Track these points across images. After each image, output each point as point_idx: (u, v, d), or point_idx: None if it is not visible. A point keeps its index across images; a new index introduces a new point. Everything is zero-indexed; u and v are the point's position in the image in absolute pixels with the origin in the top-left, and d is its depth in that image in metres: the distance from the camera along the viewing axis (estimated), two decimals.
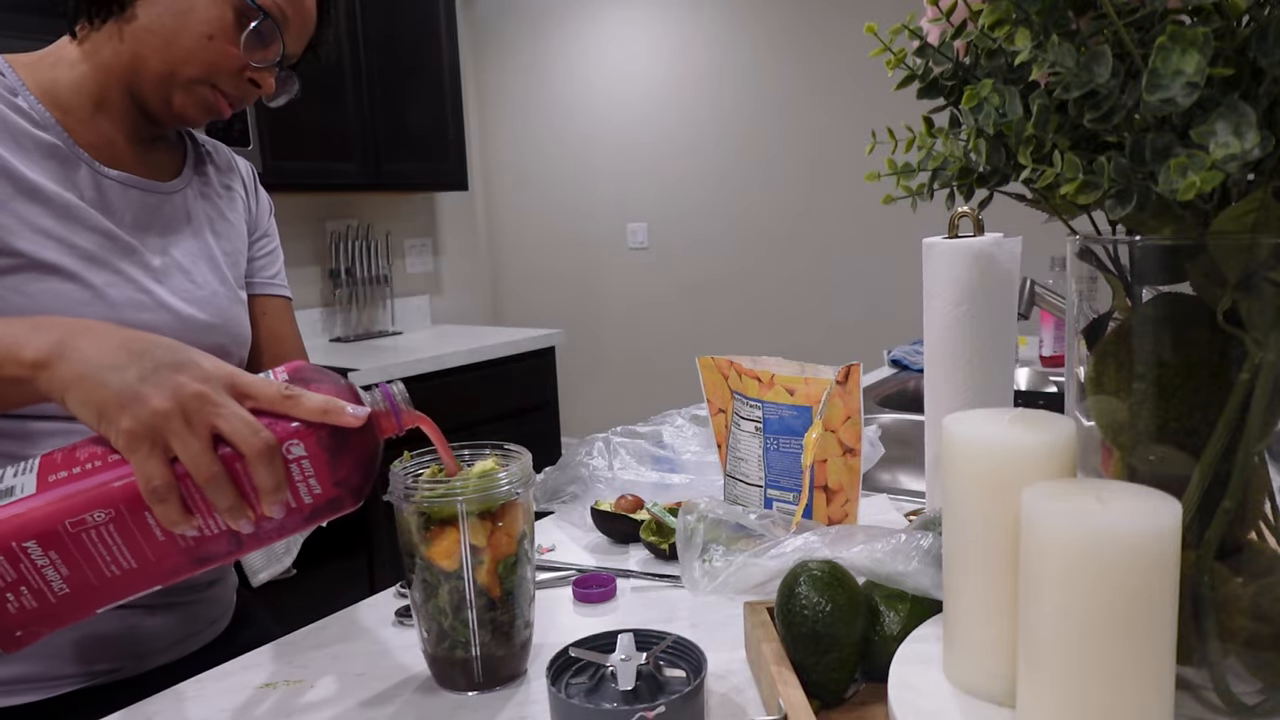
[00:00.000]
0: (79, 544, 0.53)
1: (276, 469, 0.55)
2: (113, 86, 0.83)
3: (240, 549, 0.59)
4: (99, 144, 0.84)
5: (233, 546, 0.59)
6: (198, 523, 0.56)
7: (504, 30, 4.25)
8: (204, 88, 0.82)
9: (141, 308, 0.82)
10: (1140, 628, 0.42)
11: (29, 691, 0.81)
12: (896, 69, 0.54)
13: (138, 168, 0.87)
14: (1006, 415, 0.53)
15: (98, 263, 0.80)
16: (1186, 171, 0.38)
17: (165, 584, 0.58)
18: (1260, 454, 0.47)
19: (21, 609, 0.54)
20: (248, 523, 0.56)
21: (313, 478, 0.57)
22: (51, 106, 0.81)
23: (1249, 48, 0.39)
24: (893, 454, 1.29)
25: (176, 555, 0.57)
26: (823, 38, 3.44)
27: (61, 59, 0.83)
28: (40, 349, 0.57)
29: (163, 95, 0.82)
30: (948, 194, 0.54)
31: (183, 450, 0.54)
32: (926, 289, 0.86)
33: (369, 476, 0.60)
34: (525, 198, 4.37)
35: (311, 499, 0.58)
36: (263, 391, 0.56)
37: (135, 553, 0.55)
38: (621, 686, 0.59)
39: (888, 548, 0.67)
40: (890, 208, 3.21)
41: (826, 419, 0.87)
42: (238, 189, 1.02)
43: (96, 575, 0.55)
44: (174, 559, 0.57)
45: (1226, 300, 0.45)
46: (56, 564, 0.53)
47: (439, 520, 0.66)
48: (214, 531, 0.57)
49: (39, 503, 0.52)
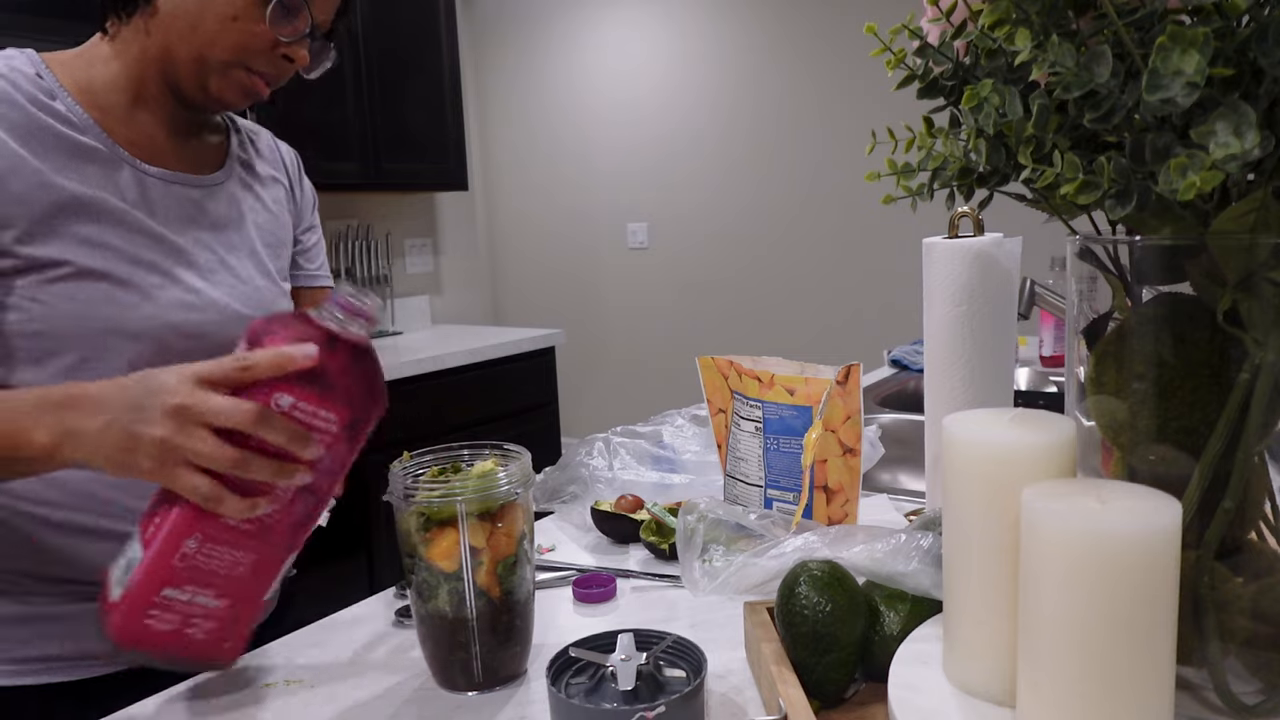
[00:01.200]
0: (199, 569, 0.61)
1: (279, 425, 0.59)
2: (148, 79, 0.83)
3: (323, 490, 0.64)
4: (139, 140, 0.84)
5: (315, 494, 0.64)
6: (264, 500, 0.61)
7: (504, 30, 4.25)
8: (238, 70, 0.81)
9: (189, 308, 0.83)
10: (1140, 628, 0.42)
11: (60, 671, 0.82)
12: (896, 69, 0.54)
13: (179, 161, 0.88)
14: (1006, 415, 0.53)
15: (144, 265, 0.81)
16: (1186, 171, 0.38)
17: (296, 547, 0.65)
18: (1260, 454, 0.47)
19: (207, 633, 0.62)
20: (303, 474, 0.61)
21: (320, 410, 0.61)
22: (90, 106, 0.81)
23: (1249, 48, 0.39)
24: (893, 454, 1.29)
25: (278, 529, 0.63)
26: (823, 38, 3.44)
27: (96, 57, 0.83)
28: (45, 441, 0.64)
29: (198, 82, 0.82)
30: (948, 194, 0.54)
31: (199, 456, 0.59)
32: (926, 289, 0.86)
33: (371, 376, 0.63)
34: (525, 198, 4.37)
35: (336, 425, 0.61)
36: (223, 373, 0.60)
37: (243, 548, 0.62)
38: (621, 686, 0.59)
39: (888, 548, 0.67)
40: (890, 208, 3.21)
41: (826, 419, 0.87)
42: (281, 179, 1.02)
43: (234, 579, 0.62)
44: (278, 533, 0.63)
45: (1226, 300, 0.45)
46: (197, 591, 0.61)
47: (439, 521, 0.66)
48: (286, 495, 0.62)
49: (150, 559, 0.60)
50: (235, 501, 0.59)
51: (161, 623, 0.61)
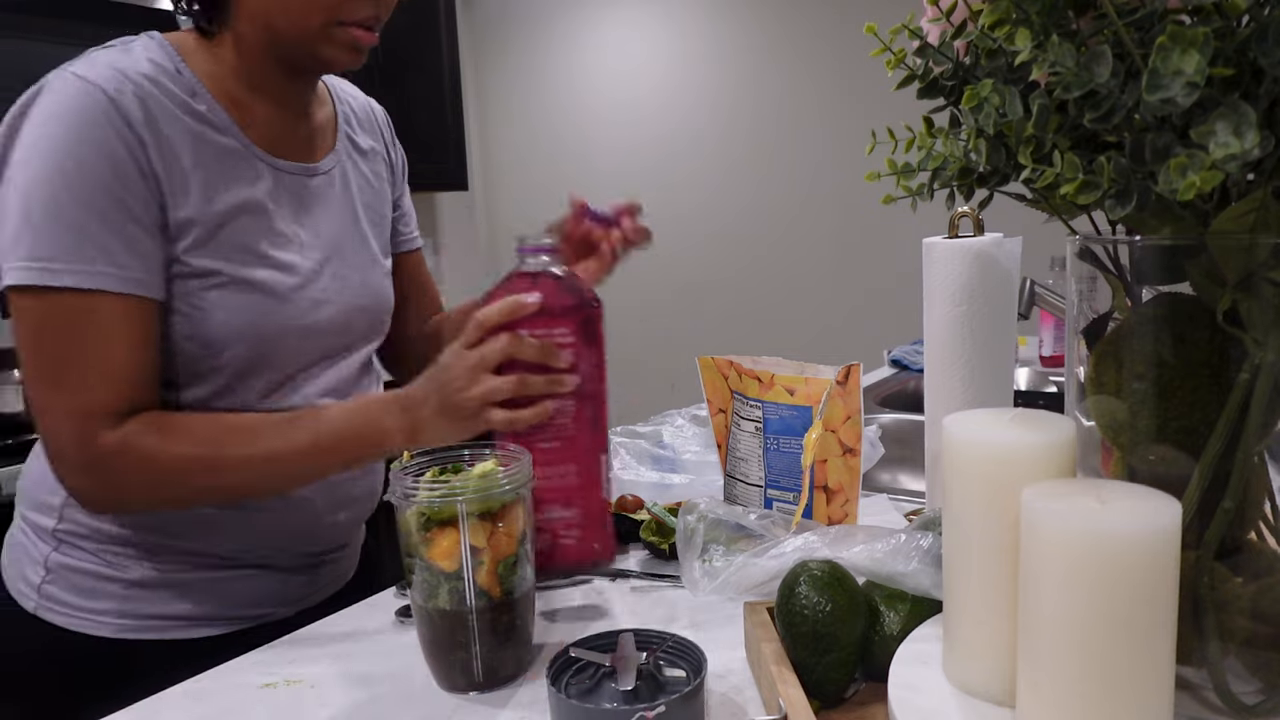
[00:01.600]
0: (542, 489, 0.75)
1: (530, 347, 0.73)
2: (260, 63, 0.83)
3: (594, 391, 0.77)
4: (264, 130, 0.85)
5: (591, 397, 0.77)
6: (550, 405, 0.74)
7: (504, 30, 4.25)
8: (339, 29, 0.80)
9: (316, 306, 0.88)
10: (1140, 628, 0.42)
11: (180, 629, 0.87)
12: (896, 69, 0.54)
13: (299, 147, 0.89)
14: (1006, 415, 0.53)
15: (283, 268, 0.85)
16: (1186, 171, 0.38)
17: (603, 447, 0.79)
18: (1260, 454, 0.47)
19: (577, 539, 0.77)
20: (569, 380, 0.75)
21: (552, 330, 0.75)
22: (221, 97, 0.82)
23: (1249, 48, 0.39)
24: (893, 454, 1.29)
25: (580, 436, 0.76)
26: (823, 38, 3.44)
27: (214, 44, 0.83)
28: (400, 436, 0.77)
29: (308, 52, 0.82)
30: (948, 194, 0.54)
31: (495, 392, 0.73)
32: (926, 289, 0.86)
33: (576, 288, 0.76)
34: (525, 198, 4.37)
35: (570, 334, 0.75)
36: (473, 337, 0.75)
37: (563, 461, 0.76)
38: (621, 686, 0.59)
39: (888, 548, 0.67)
40: (890, 208, 3.20)
41: (826, 419, 0.87)
42: (380, 149, 1.03)
43: (572, 489, 0.76)
44: (581, 438, 0.77)
45: (1226, 300, 0.45)
46: (551, 508, 0.76)
47: (439, 521, 0.66)
48: (569, 406, 0.76)
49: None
50: (529, 413, 0.73)
51: (541, 542, 0.76)
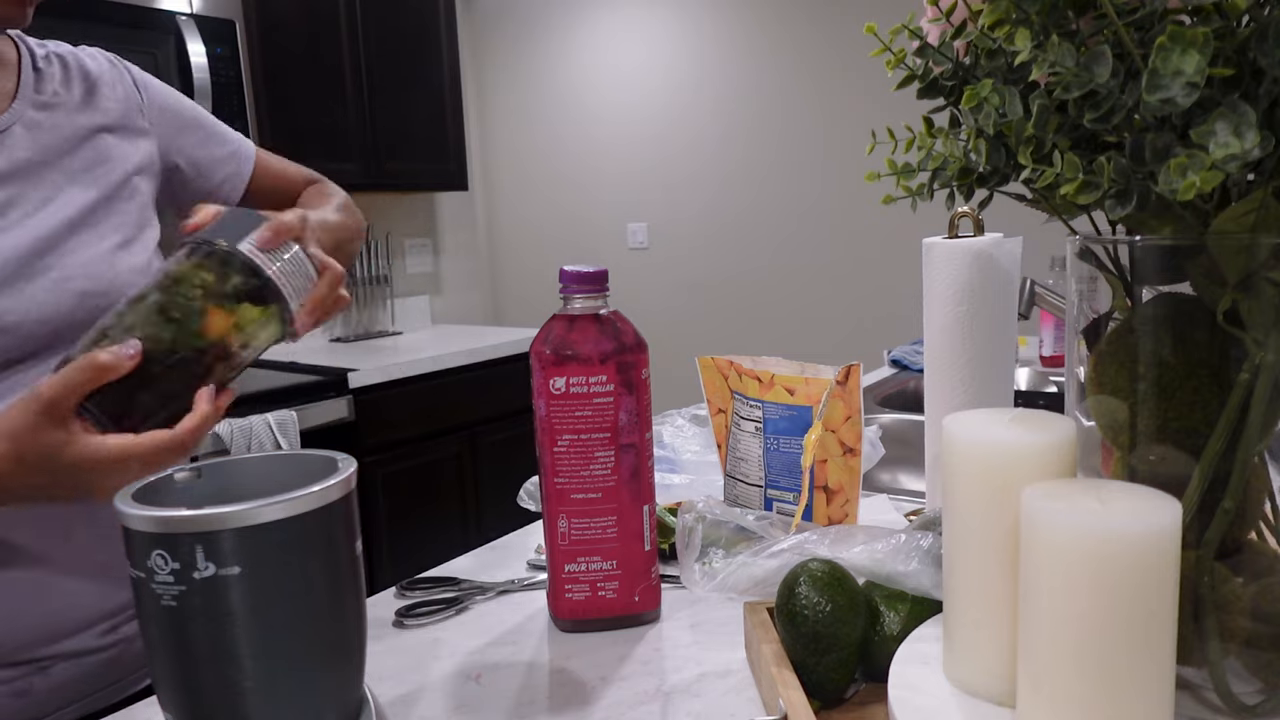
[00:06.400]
0: (580, 542, 0.75)
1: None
2: None
3: (637, 441, 0.75)
4: None
5: (633, 448, 0.75)
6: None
7: (504, 30, 4.25)
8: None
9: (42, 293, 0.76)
10: (1140, 628, 0.42)
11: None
12: (896, 69, 0.54)
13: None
14: (1006, 415, 0.53)
15: None
16: (1186, 171, 0.38)
17: (647, 498, 0.76)
18: (1260, 454, 0.47)
19: (615, 591, 0.76)
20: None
21: (590, 378, 0.73)
22: None
23: (1249, 48, 0.39)
24: (893, 454, 1.29)
25: (621, 488, 0.75)
26: (823, 38, 3.44)
27: None
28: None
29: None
30: (948, 194, 0.54)
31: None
32: (926, 289, 0.86)
33: (620, 331, 0.74)
34: (525, 198, 4.37)
35: (610, 383, 0.73)
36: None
37: (602, 513, 0.75)
38: None
39: (888, 548, 0.67)
40: (890, 208, 3.21)
41: (826, 419, 0.87)
42: (107, 103, 0.88)
43: (610, 540, 0.75)
44: (622, 490, 0.75)
45: (1226, 300, 0.45)
46: (589, 560, 0.76)
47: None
48: (603, 447, 0.74)
49: (548, 547, 0.77)
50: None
51: (577, 593, 0.75)
